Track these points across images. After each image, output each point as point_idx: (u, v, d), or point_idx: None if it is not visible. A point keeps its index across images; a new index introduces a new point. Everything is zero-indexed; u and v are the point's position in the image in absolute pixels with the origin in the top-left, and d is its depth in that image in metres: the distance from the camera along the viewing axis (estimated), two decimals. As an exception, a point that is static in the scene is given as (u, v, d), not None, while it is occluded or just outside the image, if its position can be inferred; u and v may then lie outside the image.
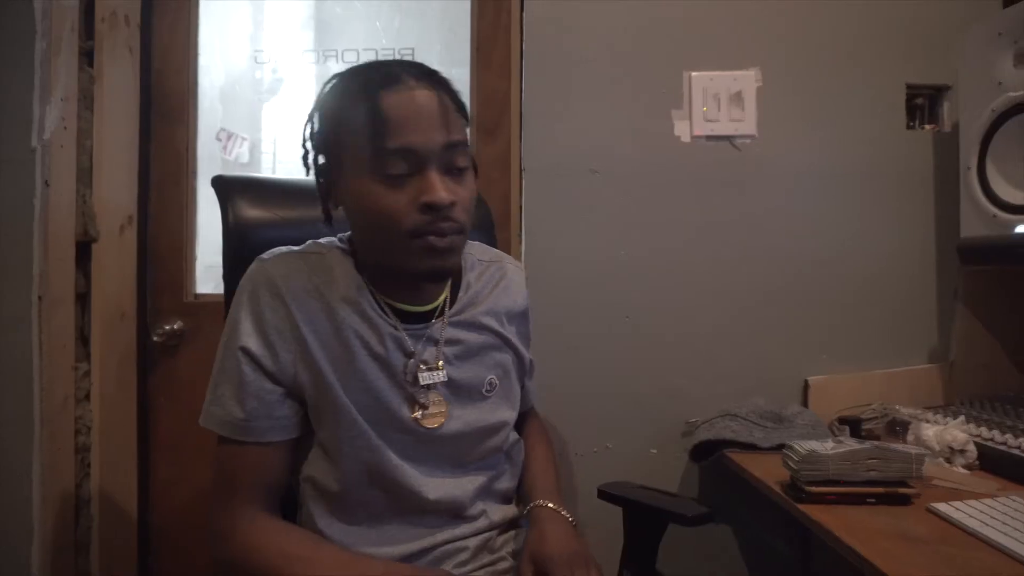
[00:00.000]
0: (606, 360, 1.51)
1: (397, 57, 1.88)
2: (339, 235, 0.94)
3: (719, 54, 1.51)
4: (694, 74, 1.51)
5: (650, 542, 1.11)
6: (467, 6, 1.73)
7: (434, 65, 0.86)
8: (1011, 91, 1.26)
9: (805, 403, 1.49)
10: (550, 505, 0.94)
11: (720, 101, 1.50)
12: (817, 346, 1.51)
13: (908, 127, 1.53)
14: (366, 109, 0.78)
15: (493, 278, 1.00)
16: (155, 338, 1.63)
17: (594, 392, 1.51)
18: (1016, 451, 1.10)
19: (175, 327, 1.65)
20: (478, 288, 0.97)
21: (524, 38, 1.56)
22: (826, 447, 1.03)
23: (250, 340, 0.82)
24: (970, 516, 0.92)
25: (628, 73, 1.52)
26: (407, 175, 0.79)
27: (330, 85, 0.87)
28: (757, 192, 1.52)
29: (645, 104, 1.51)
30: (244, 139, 2.49)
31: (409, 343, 0.87)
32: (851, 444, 1.03)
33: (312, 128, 0.87)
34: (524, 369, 1.03)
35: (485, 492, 0.95)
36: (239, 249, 1.05)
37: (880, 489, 1.00)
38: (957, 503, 0.96)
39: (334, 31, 2.11)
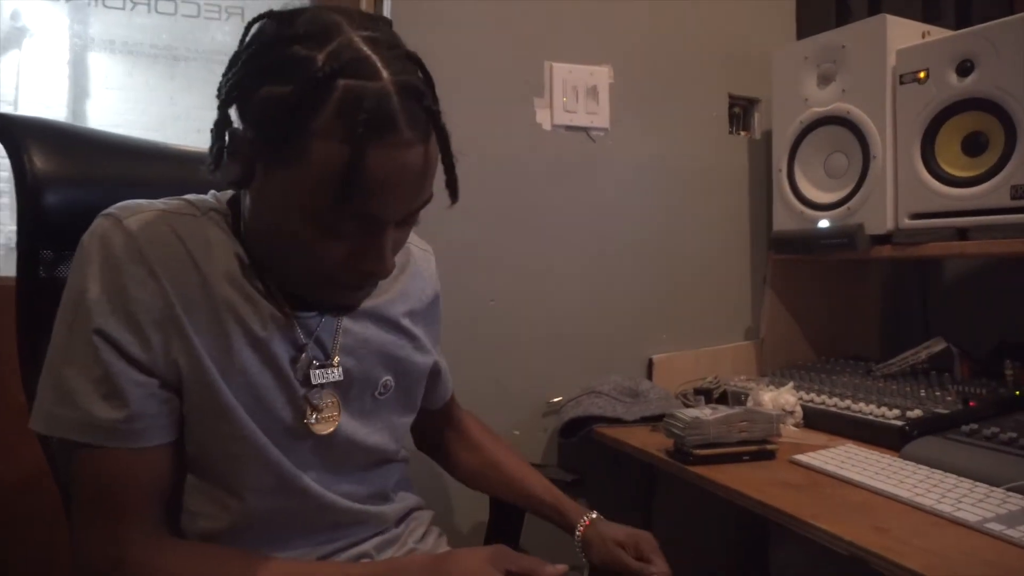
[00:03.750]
0: (469, 345, 1.49)
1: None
2: (212, 192, 0.76)
3: (577, 47, 1.58)
4: (555, 64, 1.55)
5: (514, 519, 1.10)
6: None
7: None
8: (815, 107, 1.50)
9: (650, 378, 1.61)
10: (593, 515, 0.95)
11: (578, 93, 1.56)
12: (658, 326, 1.65)
13: (729, 132, 1.73)
14: (346, 156, 0.59)
15: (397, 263, 0.80)
16: None
17: (458, 377, 1.47)
18: (834, 408, 1.31)
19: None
20: None
21: (392, 19, 1.47)
22: (705, 414, 1.13)
23: (108, 321, 0.65)
24: (825, 463, 1.07)
25: (494, 59, 1.51)
26: (354, 234, 0.65)
27: (289, 51, 0.60)
28: (608, 182, 1.61)
29: (509, 91, 1.53)
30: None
31: (300, 334, 0.74)
32: (725, 410, 1.14)
33: (238, 81, 0.64)
34: (430, 372, 0.93)
35: (379, 496, 0.87)
36: (42, 215, 0.81)
37: (753, 447, 1.12)
38: (810, 454, 1.11)
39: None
